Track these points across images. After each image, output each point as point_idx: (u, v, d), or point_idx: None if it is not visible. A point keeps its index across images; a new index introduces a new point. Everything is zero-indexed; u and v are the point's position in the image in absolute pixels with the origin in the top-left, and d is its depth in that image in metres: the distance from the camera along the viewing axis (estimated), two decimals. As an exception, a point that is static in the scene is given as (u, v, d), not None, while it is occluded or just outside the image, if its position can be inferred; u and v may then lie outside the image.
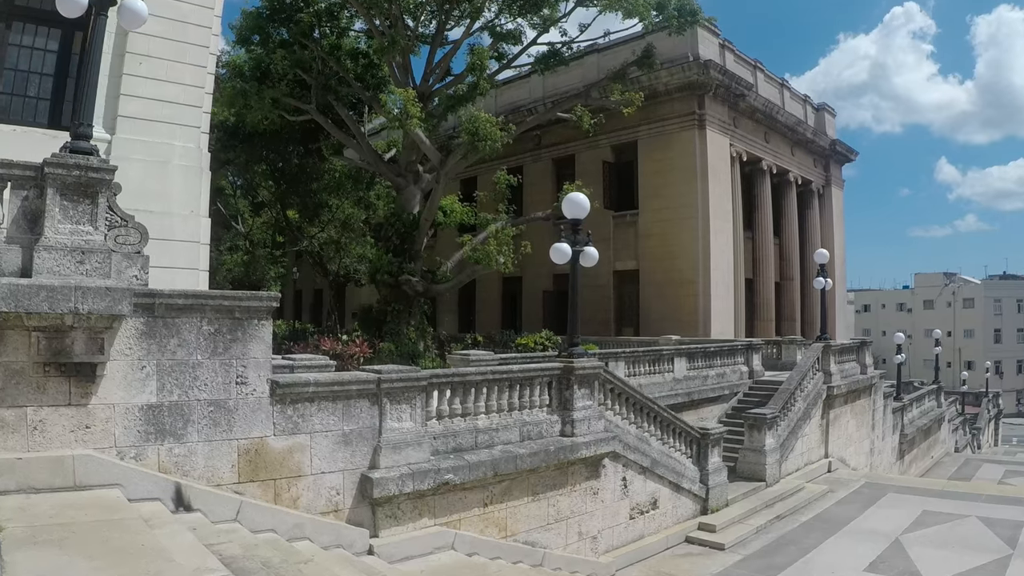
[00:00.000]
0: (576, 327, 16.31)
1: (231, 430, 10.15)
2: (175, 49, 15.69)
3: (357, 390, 11.51)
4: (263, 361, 10.48)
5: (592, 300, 40.80)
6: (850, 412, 30.70)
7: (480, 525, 13.24)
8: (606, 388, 16.98)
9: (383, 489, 11.37)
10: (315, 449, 11.00)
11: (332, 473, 11.21)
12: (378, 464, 11.57)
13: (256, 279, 52.78)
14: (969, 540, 18.52)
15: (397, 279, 30.27)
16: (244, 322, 10.33)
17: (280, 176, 44.43)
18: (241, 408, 10.25)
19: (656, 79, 38.43)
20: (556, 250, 16.26)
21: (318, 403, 11.06)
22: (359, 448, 11.52)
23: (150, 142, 15.24)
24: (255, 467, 10.38)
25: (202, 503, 9.56)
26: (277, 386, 10.56)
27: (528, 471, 13.94)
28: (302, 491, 10.86)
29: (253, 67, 33.14)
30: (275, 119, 33.41)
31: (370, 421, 11.65)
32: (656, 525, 18.21)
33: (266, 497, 10.47)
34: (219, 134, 39.13)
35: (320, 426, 11.07)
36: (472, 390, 13.52)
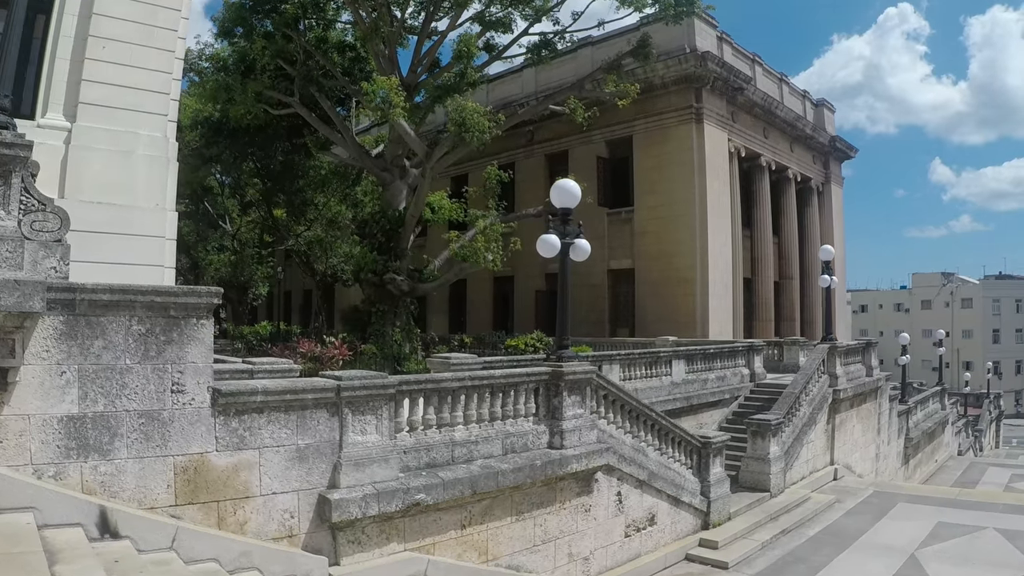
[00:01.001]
0: (566, 327, 14.91)
1: (166, 445, 8.87)
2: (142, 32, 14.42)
3: (314, 399, 10.19)
4: (203, 366, 9.18)
5: (586, 300, 40.07)
6: (856, 416, 29.49)
7: (457, 549, 11.92)
8: (599, 394, 15.58)
9: (344, 511, 10.04)
10: (265, 466, 9.69)
11: (285, 494, 9.90)
12: (338, 483, 10.25)
13: (244, 280, 51.67)
14: (990, 555, 17.25)
15: (382, 278, 29.11)
16: (181, 321, 9.05)
17: (266, 173, 43.52)
18: (178, 420, 8.97)
19: (652, 72, 37.41)
20: (544, 242, 14.87)
21: (268, 414, 9.76)
22: (316, 465, 10.20)
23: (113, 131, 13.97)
24: (195, 487, 9.10)
25: (131, 529, 8.33)
26: (219, 395, 9.27)
27: (512, 488, 12.58)
28: (250, 514, 9.55)
29: (237, 60, 32.38)
30: (259, 113, 32.60)
31: (329, 434, 10.34)
32: (654, 543, 16.76)
33: (208, 522, 9.19)
34: (203, 130, 38.67)
35: (271, 440, 9.77)
36: (448, 398, 12.18)
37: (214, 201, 52.11)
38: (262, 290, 58.03)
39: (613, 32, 37.52)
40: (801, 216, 50.21)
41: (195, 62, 34.54)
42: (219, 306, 43.19)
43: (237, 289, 53.24)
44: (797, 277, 48.65)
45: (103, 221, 13.03)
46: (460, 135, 26.32)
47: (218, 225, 52.27)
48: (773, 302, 45.34)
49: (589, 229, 38.30)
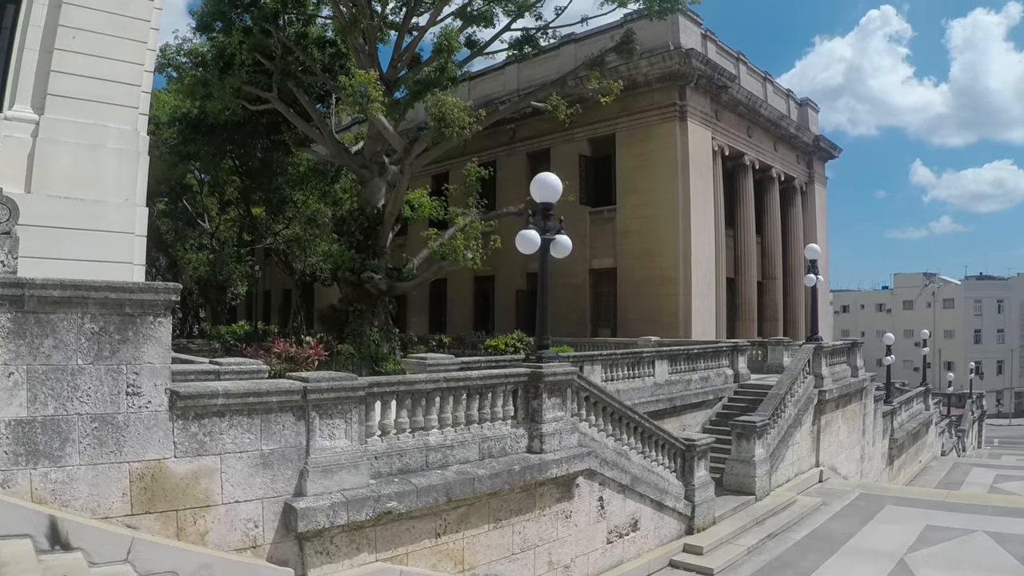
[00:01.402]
0: (546, 327, 14.41)
1: (121, 451, 8.37)
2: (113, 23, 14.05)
3: (278, 402, 9.69)
4: (160, 367, 8.69)
5: (567, 300, 39.66)
6: (841, 417, 29.14)
7: (432, 559, 11.42)
8: (580, 396, 15.08)
9: (311, 521, 9.54)
10: (227, 473, 9.18)
11: (249, 502, 9.39)
12: (305, 491, 9.76)
13: (222, 279, 51.13)
14: (981, 560, 16.88)
15: (359, 276, 28.60)
16: (136, 319, 8.55)
17: (245, 171, 43.13)
18: (133, 424, 8.48)
19: (635, 69, 37.07)
20: (523, 238, 14.37)
21: (230, 418, 9.26)
22: (282, 472, 9.70)
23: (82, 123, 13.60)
24: (152, 496, 8.59)
25: (84, 540, 7.81)
26: (178, 397, 8.77)
27: (489, 494, 12.08)
28: (211, 524, 9.04)
29: (216, 56, 31.82)
30: (237, 109, 32.16)
31: (295, 439, 9.84)
32: (637, 549, 16.29)
33: (166, 532, 8.68)
34: (181, 127, 38.23)
35: (233, 446, 9.26)
36: (422, 401, 11.66)
37: (193, 199, 51.50)
38: (240, 289, 57.52)
39: (597, 29, 37.23)
40: (785, 216, 49.95)
41: (173, 57, 33.94)
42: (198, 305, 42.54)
43: (216, 288, 52.81)
44: (780, 277, 48.36)
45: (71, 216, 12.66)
46: (440, 130, 25.90)
47: (196, 224, 51.64)
48: (756, 302, 45.12)
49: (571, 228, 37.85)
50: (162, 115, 39.56)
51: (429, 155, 30.06)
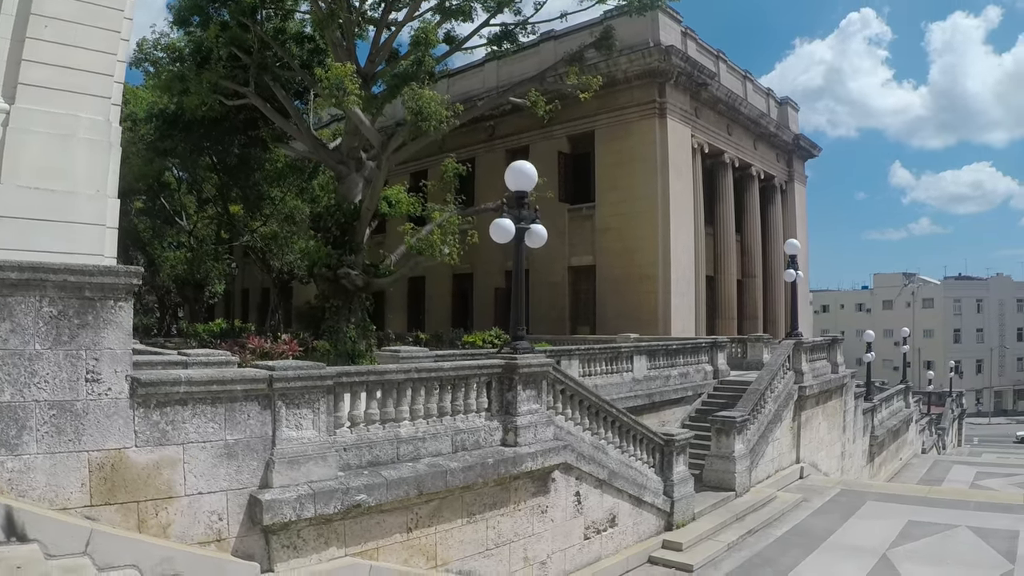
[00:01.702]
0: (521, 317, 14.16)
1: (80, 439, 8.10)
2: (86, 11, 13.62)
3: (243, 391, 9.42)
4: (121, 353, 8.42)
5: (546, 297, 39.64)
6: (822, 414, 29.04)
7: (404, 554, 11.16)
8: (556, 389, 14.83)
9: (276, 513, 9.28)
10: (190, 464, 8.91)
11: (213, 494, 9.13)
12: (271, 482, 9.49)
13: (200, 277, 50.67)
14: (964, 555, 16.77)
15: (336, 272, 28.17)
16: (97, 303, 8.31)
17: (222, 168, 42.61)
18: (93, 412, 8.21)
19: (615, 66, 37.02)
20: (497, 227, 14.12)
21: (193, 406, 8.99)
22: (247, 463, 9.44)
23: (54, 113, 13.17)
24: (112, 486, 8.31)
25: (40, 532, 7.56)
26: (139, 384, 8.49)
27: (462, 488, 11.83)
28: (174, 516, 8.78)
29: (193, 50, 31.48)
30: (214, 105, 31.51)
31: (261, 429, 9.57)
32: (615, 545, 16.05)
33: (127, 524, 8.41)
34: (158, 123, 37.63)
35: (196, 435, 8.99)
36: (393, 392, 11.41)
37: (171, 197, 51.04)
38: (218, 288, 57.05)
39: (576, 26, 37.17)
40: (764, 214, 49.86)
41: (150, 52, 33.52)
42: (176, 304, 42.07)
43: (193, 287, 52.31)
44: (760, 275, 48.26)
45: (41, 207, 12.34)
46: (417, 124, 25.55)
47: (174, 222, 51.19)
48: (736, 300, 44.88)
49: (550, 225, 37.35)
50: (139, 111, 39.16)
51: (407, 151, 29.68)
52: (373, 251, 32.22)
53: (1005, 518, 19.67)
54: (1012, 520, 19.41)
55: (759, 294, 48.14)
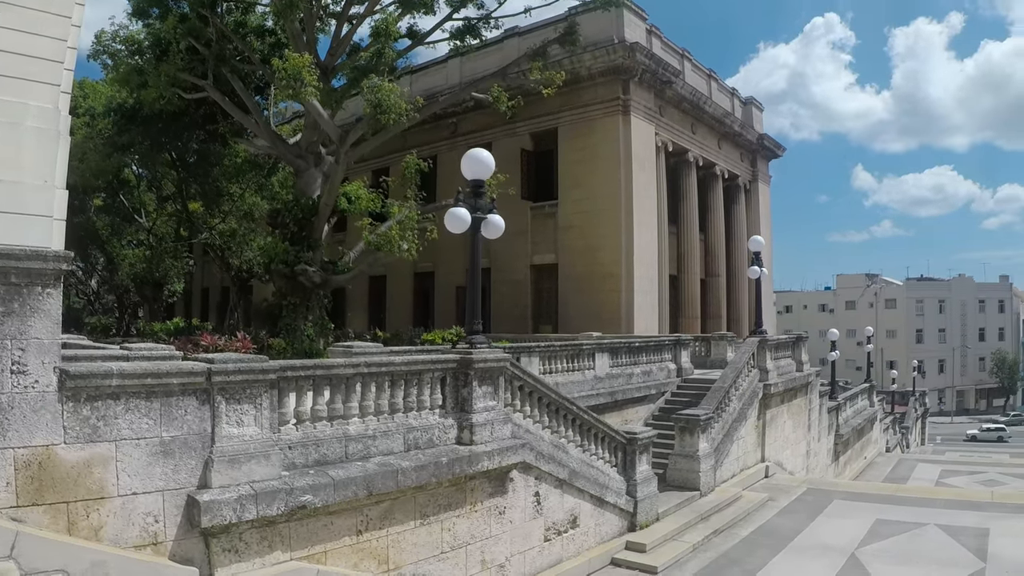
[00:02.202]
0: (477, 310, 13.65)
1: (5, 435, 7.60)
2: (38, -4, 13.09)
3: (180, 384, 8.89)
4: (48, 343, 7.91)
5: (508, 296, 39.26)
6: (787, 412, 28.75)
7: (353, 558, 10.63)
8: (514, 385, 14.34)
9: (216, 515, 8.73)
10: (123, 462, 8.36)
11: (148, 494, 8.58)
12: (210, 482, 8.95)
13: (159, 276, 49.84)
14: (934, 553, 16.46)
15: (293, 269, 27.56)
16: (23, 289, 7.81)
17: (181, 164, 42.17)
18: (18, 406, 7.69)
19: (579, 63, 36.58)
20: (452, 217, 13.57)
21: (126, 401, 8.45)
22: (184, 461, 8.89)
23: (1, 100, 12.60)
24: (40, 486, 7.81)
25: (-38, 535, 6.95)
26: (68, 377, 7.97)
27: (414, 488, 11.30)
28: (106, 518, 8.23)
29: (153, 43, 30.77)
30: (172, 99, 30.93)
31: (199, 426, 9.03)
32: (576, 547, 15.57)
33: (56, 526, 7.90)
34: (116, 117, 37.14)
35: (130, 431, 8.45)
36: (341, 387, 10.88)
37: (130, 194, 50.25)
38: (177, 287, 56.25)
39: (541, 23, 36.58)
40: (728, 213, 49.66)
41: (108, 44, 32.78)
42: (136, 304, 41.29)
43: (152, 286, 51.46)
44: (724, 275, 47.99)
45: (-15, 198, 11.79)
46: (376, 116, 25.08)
47: (134, 219, 50.40)
48: (699, 299, 44.59)
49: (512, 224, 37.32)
50: (98, 106, 38.85)
51: (367, 146, 29.29)
52: (333, 249, 31.97)
53: (974, 516, 19.43)
54: (981, 518, 19.17)
55: (723, 293, 47.87)
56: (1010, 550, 16.33)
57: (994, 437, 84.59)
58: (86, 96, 41.54)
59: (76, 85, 43.02)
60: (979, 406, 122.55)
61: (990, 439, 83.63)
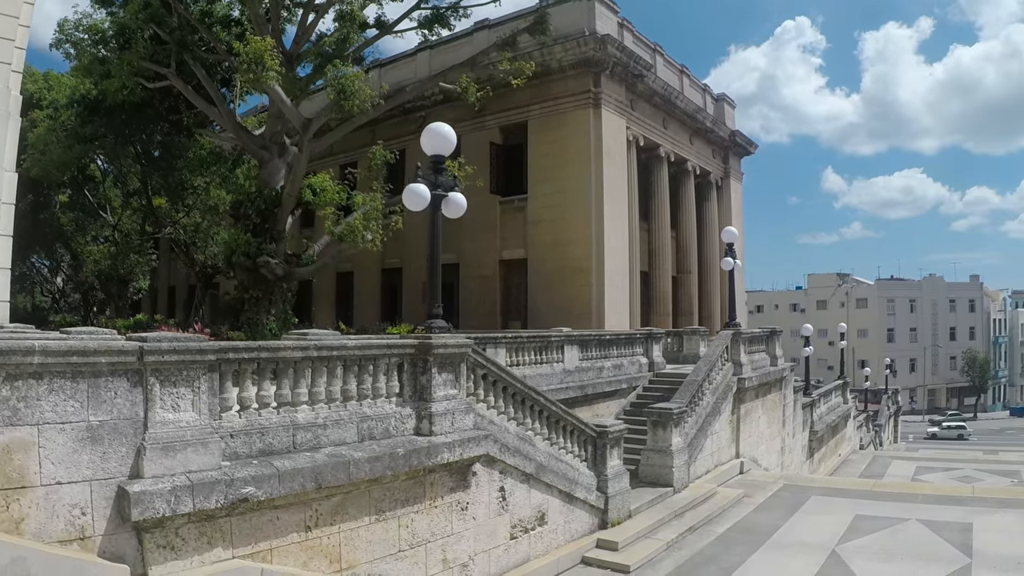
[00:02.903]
0: (437, 293, 12.94)
1: (-88, 417, 6.77)
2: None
3: (109, 364, 8.13)
4: (-40, 316, 7.14)
5: (477, 292, 38.68)
6: (761, 407, 28.26)
7: (302, 556, 9.87)
8: (477, 374, 13.62)
9: (148, 507, 7.99)
10: (47, 448, 7.64)
11: (75, 484, 7.84)
12: (142, 472, 8.19)
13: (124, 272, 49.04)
14: (918, 549, 16.01)
15: (255, 261, 26.81)
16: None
17: (145, 156, 41.46)
18: (-70, 386, 6.85)
19: (549, 55, 35.86)
20: (411, 193, 12.83)
21: (50, 381, 7.71)
22: (114, 448, 8.13)
23: None
24: (-46, 474, 7.01)
25: None
26: (-14, 353, 7.14)
27: (368, 481, 10.54)
28: (28, 509, 7.51)
29: (117, 32, 29.94)
30: (135, 88, 30.39)
31: (130, 410, 8.28)
32: (545, 545, 14.89)
33: (-28, 518, 7.10)
34: (79, 108, 36.47)
35: (53, 415, 7.72)
36: (289, 372, 10.13)
37: (96, 190, 49.74)
38: (142, 283, 55.45)
39: (512, 15, 36.37)
40: (700, 210, 49.06)
41: (71, 32, 31.95)
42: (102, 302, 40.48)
43: (117, 283, 50.67)
44: (696, 271, 47.42)
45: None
46: (340, 103, 24.56)
47: (99, 215, 49.60)
48: (671, 296, 43.98)
49: (481, 219, 36.98)
50: (61, 98, 38.38)
51: (332, 136, 28.75)
52: (301, 244, 31.25)
53: (956, 510, 19.06)
54: (963, 512, 18.80)
55: (695, 290, 47.27)
56: (995, 545, 15.91)
57: (954, 435, 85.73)
58: (51, 88, 41.14)
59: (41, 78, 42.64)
60: (950, 405, 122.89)
61: (950, 436, 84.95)
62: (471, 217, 38.58)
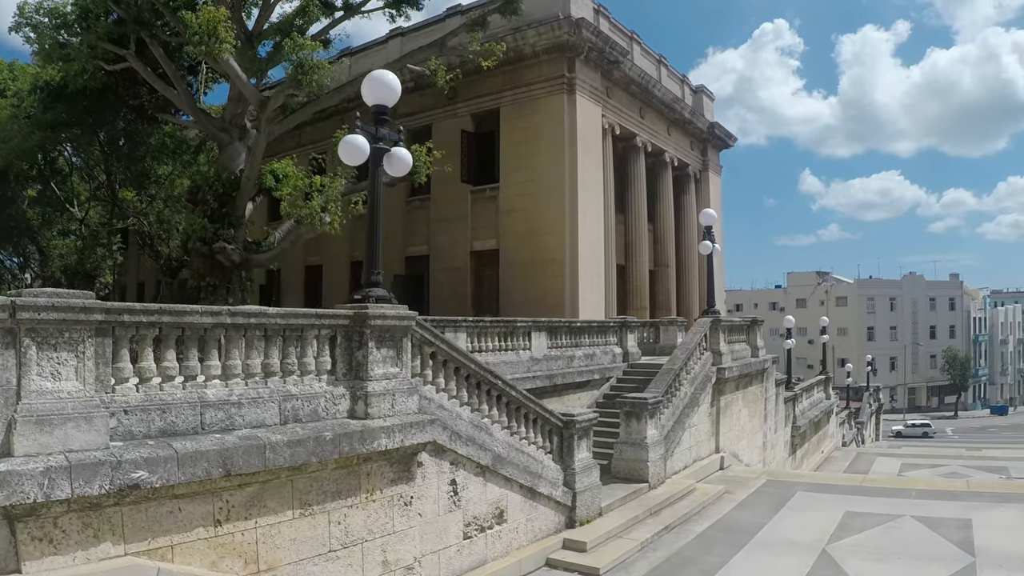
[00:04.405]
0: (376, 258, 11.50)
1: None
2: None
3: (-27, 321, 6.69)
4: None
5: (448, 284, 37.48)
6: (742, 400, 27.04)
7: (211, 554, 8.45)
8: (424, 352, 12.22)
9: (16, 491, 6.64)
10: None
11: (-71, 463, 6.43)
12: (12, 449, 6.86)
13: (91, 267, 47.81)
14: (915, 547, 14.78)
15: (211, 247, 25.67)
16: None
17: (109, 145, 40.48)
18: None
19: (522, 39, 34.64)
20: (347, 145, 11.36)
21: None
22: (-20, 420, 6.71)
23: None
24: None
25: None
26: None
27: (290, 469, 9.12)
28: None
29: (79, 16, 28.96)
30: (95, 72, 29.28)
31: (1, 375, 6.92)
32: (504, 545, 13.51)
33: None
34: (41, 95, 35.47)
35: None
36: (198, 340, 8.72)
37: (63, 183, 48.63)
38: (108, 278, 54.05)
39: (484, 0, 34.75)
40: (678, 203, 48.01)
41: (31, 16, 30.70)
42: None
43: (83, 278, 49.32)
44: (674, 265, 46.38)
45: None
46: (297, 78, 23.49)
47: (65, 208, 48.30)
48: (648, 290, 42.84)
49: (452, 209, 35.86)
50: (25, 87, 37.38)
51: (296, 118, 27.92)
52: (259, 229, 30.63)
53: (952, 506, 17.93)
54: (960, 508, 17.67)
55: (672, 285, 46.20)
56: (999, 542, 14.72)
57: (919, 433, 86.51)
58: (15, 78, 40.35)
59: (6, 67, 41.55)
60: (931, 403, 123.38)
61: (915, 435, 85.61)
62: (442, 207, 37.84)
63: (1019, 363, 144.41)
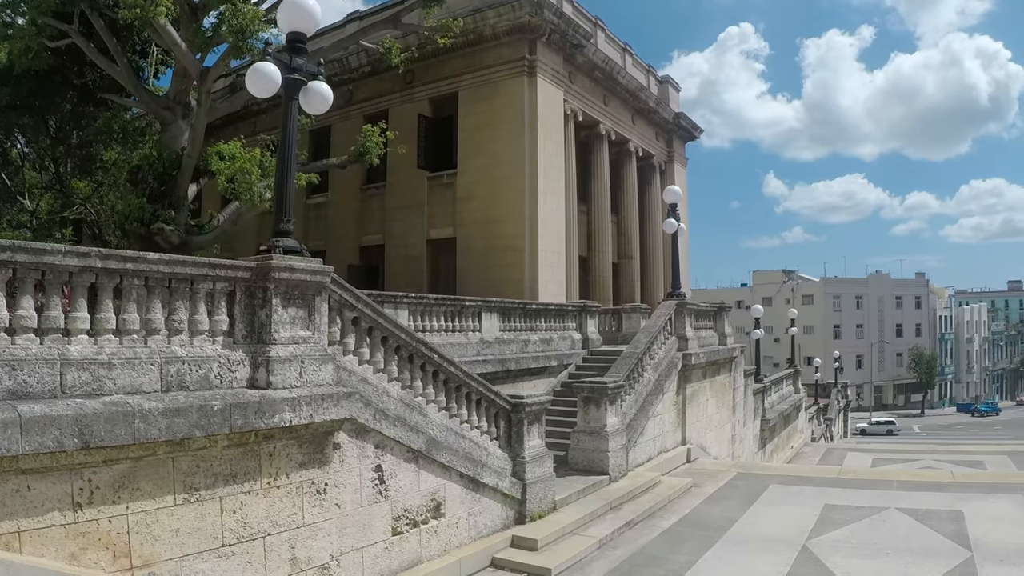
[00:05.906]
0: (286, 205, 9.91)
1: None
2: None
3: None
4: None
5: (402, 273, 36.22)
6: (709, 389, 25.81)
7: (70, 545, 6.93)
8: (346, 317, 10.70)
9: None
10: None
11: None
12: None
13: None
14: (905, 541, 13.59)
15: (149, 229, 24.32)
16: None
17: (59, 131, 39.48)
18: None
19: (483, 21, 33.61)
20: (255, 74, 9.78)
21: None
22: None
23: None
24: None
25: None
26: None
27: (169, 444, 7.59)
28: None
29: None
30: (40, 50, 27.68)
31: None
32: (442, 543, 12.02)
33: None
34: None
35: None
36: (60, 287, 7.27)
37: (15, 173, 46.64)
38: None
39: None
40: (642, 194, 47.14)
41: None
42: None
43: (33, 270, 47.82)
44: (638, 258, 45.65)
45: None
46: (237, 45, 22.36)
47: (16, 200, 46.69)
48: (612, 283, 42.02)
49: (409, 196, 34.64)
50: None
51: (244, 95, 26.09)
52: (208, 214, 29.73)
53: (939, 497, 16.84)
54: (949, 499, 16.56)
55: (637, 277, 45.45)
56: (996, 534, 13.57)
57: (883, 431, 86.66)
58: None
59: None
60: (897, 401, 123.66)
61: (879, 432, 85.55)
62: (398, 195, 36.48)
63: (984, 362, 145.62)
